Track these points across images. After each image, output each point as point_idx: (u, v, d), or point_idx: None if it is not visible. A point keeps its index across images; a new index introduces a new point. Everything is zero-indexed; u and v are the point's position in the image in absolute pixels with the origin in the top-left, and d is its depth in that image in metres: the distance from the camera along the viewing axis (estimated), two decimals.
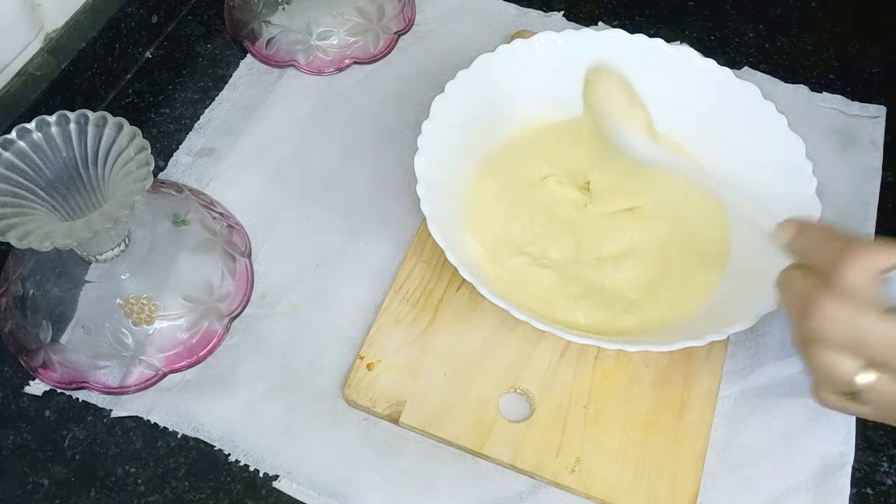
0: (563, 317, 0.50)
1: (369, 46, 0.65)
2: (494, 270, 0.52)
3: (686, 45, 0.57)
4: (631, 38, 0.56)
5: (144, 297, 0.49)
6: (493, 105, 0.56)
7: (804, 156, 0.52)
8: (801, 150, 0.52)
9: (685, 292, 0.51)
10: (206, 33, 0.68)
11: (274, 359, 0.52)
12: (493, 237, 0.53)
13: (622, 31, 0.57)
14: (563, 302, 0.51)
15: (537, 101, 0.57)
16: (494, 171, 0.56)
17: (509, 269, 0.52)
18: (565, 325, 0.49)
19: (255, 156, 0.61)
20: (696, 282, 0.52)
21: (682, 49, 0.56)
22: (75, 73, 0.59)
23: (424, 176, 0.50)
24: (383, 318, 0.52)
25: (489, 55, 0.56)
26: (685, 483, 0.47)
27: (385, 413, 0.49)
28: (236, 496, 0.48)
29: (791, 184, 0.52)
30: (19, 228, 0.42)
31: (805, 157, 0.52)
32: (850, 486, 0.48)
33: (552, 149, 0.57)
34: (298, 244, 0.57)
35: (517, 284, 0.51)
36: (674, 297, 0.51)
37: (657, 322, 0.50)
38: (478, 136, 0.56)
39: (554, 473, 0.47)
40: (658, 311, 0.51)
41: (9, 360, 0.51)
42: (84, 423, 0.50)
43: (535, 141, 0.57)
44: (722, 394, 0.51)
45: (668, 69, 0.56)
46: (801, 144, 0.52)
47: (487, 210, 0.54)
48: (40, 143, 0.45)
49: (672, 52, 0.56)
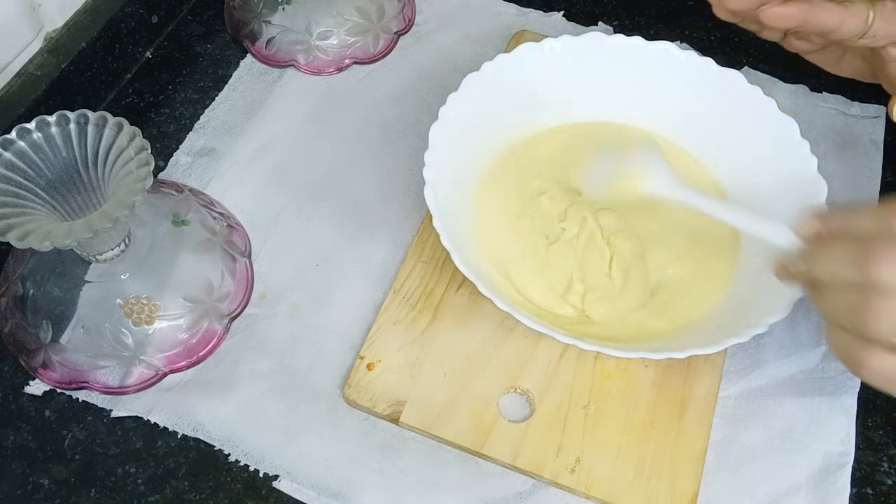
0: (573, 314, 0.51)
1: (369, 46, 0.65)
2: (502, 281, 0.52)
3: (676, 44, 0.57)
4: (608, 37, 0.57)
5: (144, 297, 0.49)
6: (486, 125, 0.56)
7: (799, 136, 0.52)
8: (795, 131, 0.52)
9: (706, 287, 0.51)
10: (206, 33, 0.68)
11: (274, 359, 0.52)
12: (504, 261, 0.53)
13: (598, 32, 0.57)
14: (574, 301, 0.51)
15: (534, 110, 0.57)
16: (496, 191, 0.55)
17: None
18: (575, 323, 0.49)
19: (255, 156, 0.61)
20: (715, 273, 0.52)
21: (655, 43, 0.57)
22: (75, 73, 0.59)
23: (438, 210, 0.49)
24: (383, 318, 0.52)
25: (475, 75, 0.54)
26: (685, 483, 0.47)
27: (385, 413, 0.49)
28: (236, 496, 0.48)
29: (792, 167, 0.52)
30: (19, 228, 0.42)
31: (801, 138, 0.52)
32: (850, 486, 0.48)
33: (549, 163, 0.56)
34: (298, 244, 0.57)
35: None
36: (694, 293, 0.51)
37: (681, 320, 0.50)
38: (476, 158, 0.55)
39: (554, 473, 0.47)
40: (683, 307, 0.51)
41: (9, 360, 0.51)
42: (84, 423, 0.50)
43: (533, 154, 0.57)
44: (722, 394, 0.51)
45: (652, 62, 0.56)
46: (795, 125, 0.52)
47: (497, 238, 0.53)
48: (40, 143, 0.45)
49: (655, 47, 0.56)
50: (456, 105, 0.53)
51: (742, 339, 0.45)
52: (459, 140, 0.53)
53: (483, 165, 0.55)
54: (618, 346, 0.46)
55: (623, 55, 0.56)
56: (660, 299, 0.51)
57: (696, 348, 0.45)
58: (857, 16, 0.50)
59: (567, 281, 0.51)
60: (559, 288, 0.51)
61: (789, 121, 0.53)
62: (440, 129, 0.51)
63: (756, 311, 0.47)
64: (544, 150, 0.57)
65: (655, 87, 0.56)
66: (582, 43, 0.56)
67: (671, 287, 0.52)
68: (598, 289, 0.51)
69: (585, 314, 0.51)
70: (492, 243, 0.52)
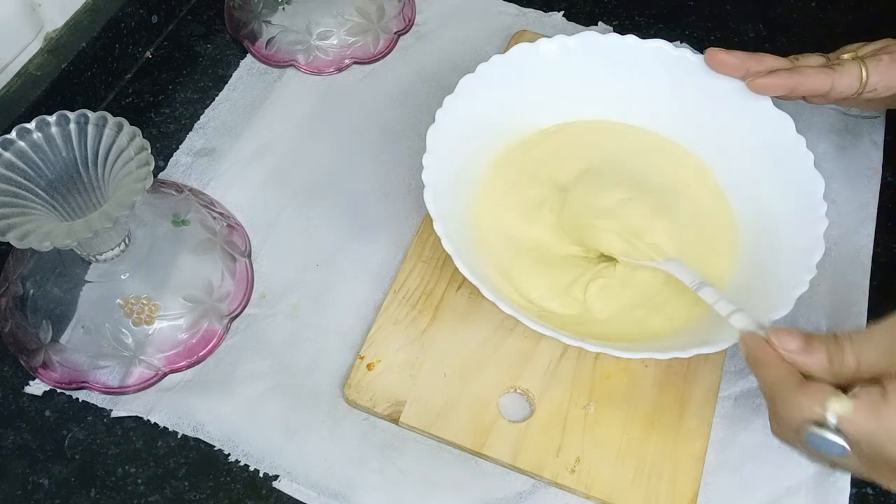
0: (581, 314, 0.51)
1: (369, 46, 0.65)
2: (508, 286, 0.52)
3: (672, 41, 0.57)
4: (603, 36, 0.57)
5: (144, 297, 0.49)
6: (484, 126, 0.55)
7: (795, 132, 0.52)
8: (790, 127, 0.52)
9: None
10: (206, 33, 0.68)
11: (274, 359, 0.52)
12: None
13: (596, 32, 0.57)
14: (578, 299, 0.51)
15: (532, 110, 0.57)
16: (496, 192, 0.55)
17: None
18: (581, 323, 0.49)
19: (255, 156, 0.61)
20: (715, 270, 0.52)
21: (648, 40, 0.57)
22: (75, 73, 0.59)
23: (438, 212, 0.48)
24: (383, 318, 0.52)
25: (470, 76, 0.54)
26: (685, 483, 0.47)
27: (385, 413, 0.49)
28: (236, 496, 0.48)
29: (790, 164, 0.52)
30: (19, 228, 0.42)
31: (797, 133, 0.52)
32: (850, 486, 0.48)
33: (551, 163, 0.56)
34: (298, 244, 0.57)
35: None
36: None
37: (679, 319, 0.50)
38: (476, 159, 0.55)
39: (554, 473, 0.47)
40: (682, 306, 0.51)
41: (9, 360, 0.51)
42: (84, 423, 0.50)
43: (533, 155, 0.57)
44: (722, 394, 0.51)
45: (647, 60, 0.56)
46: (790, 120, 0.52)
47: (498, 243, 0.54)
48: (40, 143, 0.45)
49: (650, 44, 0.56)
50: (453, 105, 0.53)
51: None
52: (457, 141, 0.53)
53: (482, 166, 0.55)
54: (621, 347, 0.46)
55: (618, 54, 0.56)
56: (660, 297, 0.51)
57: (700, 347, 0.45)
58: (849, 76, 0.50)
59: (568, 280, 0.51)
60: (561, 286, 0.51)
61: (785, 117, 0.53)
62: (437, 131, 0.51)
63: (758, 307, 0.47)
64: (543, 149, 0.57)
65: (650, 85, 0.56)
66: (577, 42, 0.56)
67: (671, 284, 0.52)
68: (601, 278, 0.51)
69: (587, 308, 0.51)
70: (492, 245, 0.52)
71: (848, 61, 0.51)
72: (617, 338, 0.49)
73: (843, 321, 0.53)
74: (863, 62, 0.51)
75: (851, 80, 0.50)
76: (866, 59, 0.51)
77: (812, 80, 0.51)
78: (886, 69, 0.50)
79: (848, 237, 0.57)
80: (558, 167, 0.56)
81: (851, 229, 0.57)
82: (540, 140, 0.57)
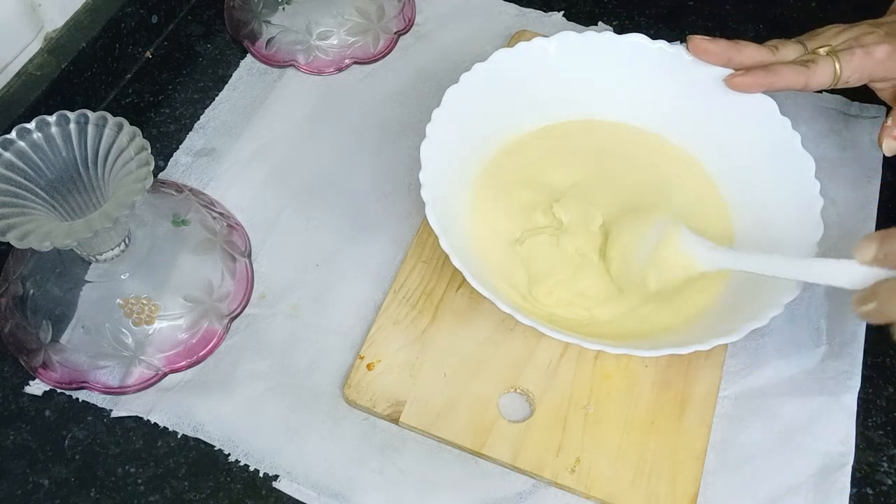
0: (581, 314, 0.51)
1: (369, 46, 0.65)
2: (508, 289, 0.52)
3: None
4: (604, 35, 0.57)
5: (144, 297, 0.49)
6: (481, 126, 0.56)
7: (779, 113, 0.53)
8: (774, 109, 0.53)
9: (701, 284, 0.51)
10: (206, 33, 0.68)
11: (274, 359, 0.52)
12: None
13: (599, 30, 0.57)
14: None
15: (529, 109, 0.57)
16: (491, 202, 0.55)
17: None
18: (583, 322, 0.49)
19: (255, 156, 0.61)
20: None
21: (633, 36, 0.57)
22: (75, 73, 0.59)
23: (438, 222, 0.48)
24: (383, 318, 0.52)
25: (468, 74, 0.54)
26: (685, 483, 0.47)
27: (385, 413, 0.49)
28: (236, 496, 0.48)
29: (779, 149, 0.53)
30: (19, 228, 0.42)
31: (781, 115, 0.53)
32: (850, 486, 0.48)
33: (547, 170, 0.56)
34: (298, 244, 0.57)
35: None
36: (697, 282, 0.51)
37: (689, 311, 0.50)
38: (472, 158, 0.55)
39: (554, 473, 0.47)
40: (689, 298, 0.51)
41: (9, 360, 0.51)
42: (84, 423, 0.50)
43: (527, 156, 0.57)
44: (722, 394, 0.51)
45: (642, 58, 0.56)
46: (773, 103, 0.53)
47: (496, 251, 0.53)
48: (40, 143, 0.45)
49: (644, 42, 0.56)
50: (446, 110, 0.52)
51: (760, 324, 0.45)
52: (451, 151, 0.52)
53: (474, 173, 0.55)
54: (620, 344, 0.46)
55: (599, 51, 0.56)
56: (665, 292, 0.51)
57: (720, 337, 0.45)
58: (822, 73, 0.52)
59: (569, 283, 0.51)
60: (564, 289, 0.51)
61: (769, 101, 0.53)
62: (430, 144, 0.51)
63: (763, 293, 0.47)
64: (542, 147, 0.57)
65: (630, 80, 0.56)
66: (574, 42, 0.56)
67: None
68: (600, 294, 0.51)
69: (593, 317, 0.51)
70: (492, 254, 0.52)
71: (822, 57, 0.52)
72: (626, 336, 0.49)
73: (844, 321, 0.53)
74: (836, 57, 0.52)
75: (825, 77, 0.52)
76: (840, 54, 0.52)
77: (787, 79, 0.52)
78: (860, 63, 0.52)
79: (848, 237, 0.57)
80: (547, 170, 0.56)
81: (851, 229, 0.57)
82: (526, 142, 0.57)
